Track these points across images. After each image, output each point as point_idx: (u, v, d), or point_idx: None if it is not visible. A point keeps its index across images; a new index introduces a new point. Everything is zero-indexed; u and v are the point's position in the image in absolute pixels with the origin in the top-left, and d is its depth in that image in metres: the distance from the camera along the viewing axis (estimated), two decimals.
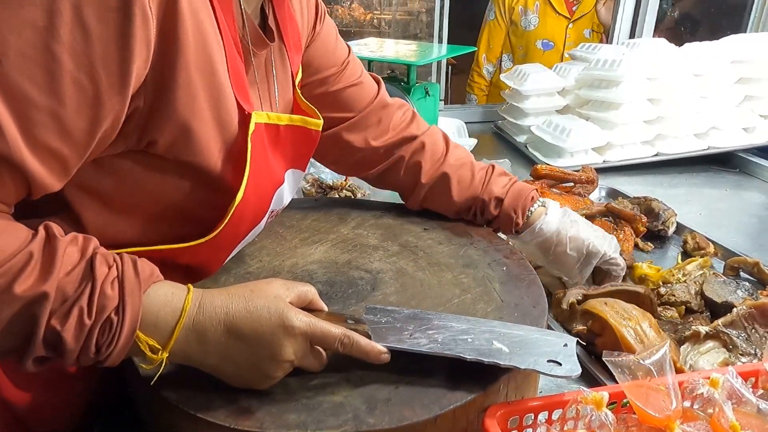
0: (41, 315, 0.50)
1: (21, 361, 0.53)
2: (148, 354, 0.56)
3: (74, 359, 0.53)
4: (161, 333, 0.56)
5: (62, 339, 0.51)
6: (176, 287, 0.59)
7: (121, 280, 0.54)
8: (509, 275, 0.84)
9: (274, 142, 0.74)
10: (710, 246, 1.26)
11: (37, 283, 0.50)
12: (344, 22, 3.08)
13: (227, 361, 0.59)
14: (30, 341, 0.51)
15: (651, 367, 0.63)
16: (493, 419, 0.60)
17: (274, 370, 0.60)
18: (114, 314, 0.53)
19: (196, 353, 0.58)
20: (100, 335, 0.53)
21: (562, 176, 1.51)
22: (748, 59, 1.87)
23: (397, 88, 1.50)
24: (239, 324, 0.58)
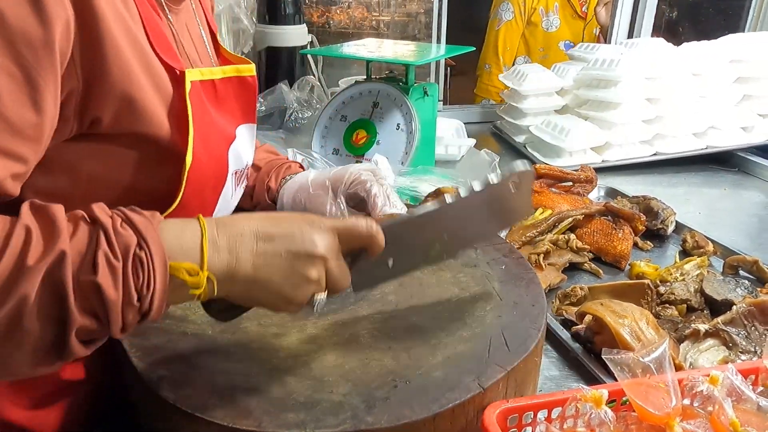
0: (66, 275, 0.47)
1: (66, 346, 0.49)
2: (189, 279, 0.52)
3: (119, 317, 0.49)
4: (191, 256, 0.53)
5: (100, 289, 0.48)
6: (184, 219, 0.56)
7: (130, 221, 0.51)
8: (508, 274, 0.84)
9: (213, 98, 0.73)
10: (709, 245, 1.26)
11: (48, 246, 0.47)
12: (342, 23, 3.08)
13: (263, 268, 0.56)
14: (66, 311, 0.47)
15: (650, 365, 0.63)
16: (492, 417, 0.59)
17: (309, 269, 0.57)
18: (139, 249, 0.50)
19: (232, 265, 0.55)
20: (135, 277, 0.49)
21: (560, 176, 1.51)
22: (747, 58, 1.87)
23: (395, 88, 1.50)
24: (266, 228, 0.56)
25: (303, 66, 2.05)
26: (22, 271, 0.46)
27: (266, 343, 0.69)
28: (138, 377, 0.63)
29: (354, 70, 2.37)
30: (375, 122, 1.51)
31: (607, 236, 1.25)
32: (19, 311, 0.46)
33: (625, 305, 0.90)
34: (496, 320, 0.73)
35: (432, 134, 1.63)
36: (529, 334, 0.71)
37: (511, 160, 1.91)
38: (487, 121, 2.31)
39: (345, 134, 1.54)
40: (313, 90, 1.89)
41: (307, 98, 1.87)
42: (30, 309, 0.46)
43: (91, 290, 0.48)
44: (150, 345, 0.68)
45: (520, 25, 2.87)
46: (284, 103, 1.85)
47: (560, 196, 1.42)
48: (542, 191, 1.43)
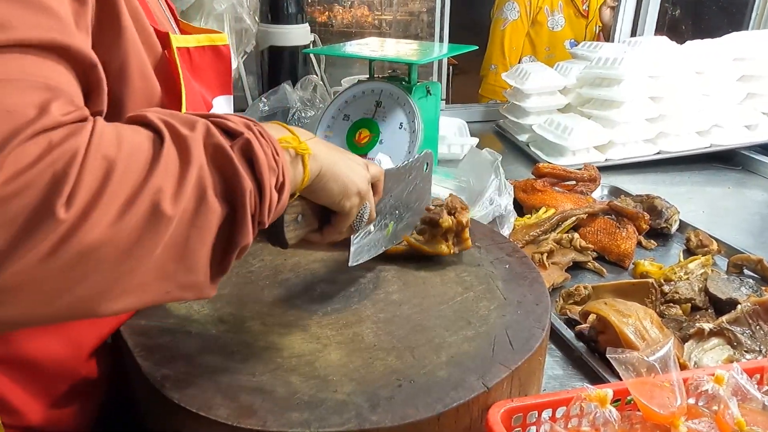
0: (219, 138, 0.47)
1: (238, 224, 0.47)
2: (297, 146, 0.56)
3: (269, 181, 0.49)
4: (285, 133, 0.57)
5: (251, 145, 0.48)
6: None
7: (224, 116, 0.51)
8: (512, 273, 0.84)
9: (189, 66, 0.73)
10: (713, 243, 1.25)
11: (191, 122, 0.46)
12: (345, 22, 3.08)
13: (333, 152, 0.63)
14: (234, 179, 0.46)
15: (655, 364, 0.63)
16: (497, 417, 0.59)
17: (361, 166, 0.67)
18: (252, 123, 0.51)
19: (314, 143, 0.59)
20: (264, 144, 0.49)
21: (564, 175, 1.51)
22: (750, 57, 1.86)
23: (398, 87, 1.50)
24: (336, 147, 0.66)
25: (306, 65, 2.04)
26: (185, 143, 0.44)
27: (270, 343, 0.69)
28: (142, 376, 0.63)
29: (356, 69, 2.37)
30: (378, 121, 1.51)
31: (610, 235, 1.25)
32: (203, 185, 0.44)
33: (629, 304, 0.90)
34: (500, 319, 0.73)
35: (435, 133, 1.63)
36: (533, 334, 0.71)
37: (514, 159, 1.91)
38: (489, 120, 2.31)
39: (348, 133, 1.53)
40: (316, 89, 1.89)
41: (310, 97, 1.87)
42: (208, 181, 0.45)
43: (242, 152, 0.47)
44: (154, 344, 0.68)
45: (525, 24, 2.87)
46: (287, 104, 1.84)
47: (563, 195, 1.42)
48: (545, 190, 1.42)
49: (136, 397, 0.70)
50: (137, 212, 0.41)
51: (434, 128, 1.62)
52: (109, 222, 0.39)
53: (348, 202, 0.65)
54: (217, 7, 1.63)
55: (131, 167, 0.41)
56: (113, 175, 0.40)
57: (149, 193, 0.41)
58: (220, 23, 1.67)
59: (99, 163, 0.39)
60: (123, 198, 0.40)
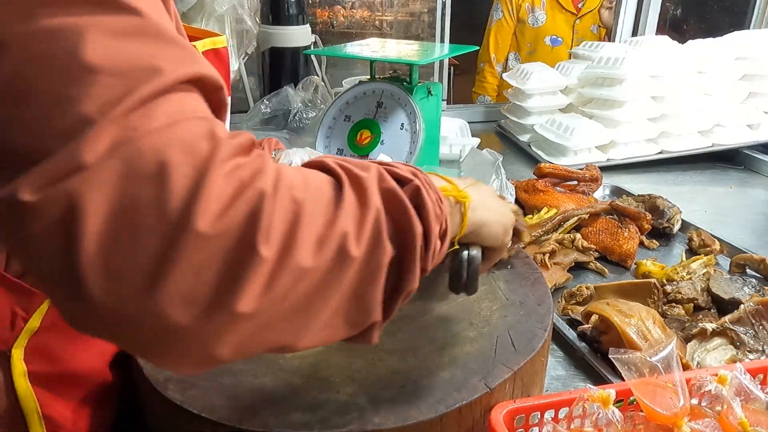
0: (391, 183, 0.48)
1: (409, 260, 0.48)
2: (457, 194, 0.57)
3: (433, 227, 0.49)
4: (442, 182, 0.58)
5: (419, 191, 0.49)
6: None
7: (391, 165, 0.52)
8: (514, 273, 0.84)
9: None
10: (716, 243, 1.25)
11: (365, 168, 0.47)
12: (346, 23, 3.08)
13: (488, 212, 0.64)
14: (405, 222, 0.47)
15: (658, 365, 0.63)
16: (499, 418, 0.59)
17: (508, 211, 0.70)
18: (414, 177, 0.51)
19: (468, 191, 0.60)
20: (431, 192, 0.50)
21: (565, 175, 1.51)
22: (752, 56, 1.86)
23: (399, 88, 1.50)
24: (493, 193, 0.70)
25: (307, 66, 2.05)
26: (363, 186, 0.45)
27: None
28: (144, 378, 0.63)
29: (358, 70, 2.37)
30: (379, 122, 1.51)
31: (612, 235, 1.24)
32: (379, 227, 0.45)
33: (631, 305, 0.90)
34: (502, 320, 0.73)
35: (436, 134, 1.63)
36: (536, 334, 0.70)
37: (516, 159, 1.91)
38: (491, 120, 2.31)
39: (349, 134, 1.54)
40: (317, 90, 1.89)
41: (311, 98, 1.87)
42: (383, 224, 0.45)
43: (413, 195, 0.48)
44: None
45: (510, 23, 2.90)
46: (289, 106, 1.85)
47: (565, 195, 1.41)
48: (547, 190, 1.42)
49: (139, 398, 0.70)
50: (327, 252, 0.41)
51: (435, 129, 1.61)
52: (308, 259, 0.40)
53: (504, 237, 0.68)
54: (218, 8, 1.63)
55: (318, 209, 0.42)
56: (303, 216, 0.40)
57: (336, 235, 0.42)
58: (221, 24, 1.67)
59: (288, 204, 0.40)
60: (314, 238, 0.41)
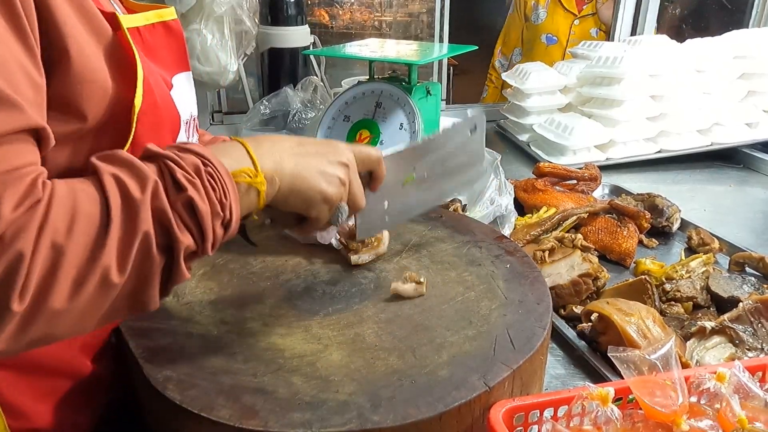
0: (164, 201, 0.51)
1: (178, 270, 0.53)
2: (252, 180, 0.59)
3: (210, 228, 0.54)
4: (244, 163, 0.59)
5: (193, 204, 0.52)
6: (221, 142, 0.64)
7: (186, 149, 0.56)
8: (513, 272, 0.84)
9: (142, 46, 0.70)
10: (715, 242, 1.25)
11: (141, 181, 0.51)
12: (345, 23, 3.08)
13: (302, 165, 0.64)
14: (172, 236, 0.52)
15: (656, 362, 0.63)
16: (499, 416, 0.59)
17: (339, 169, 0.66)
18: (204, 166, 0.55)
19: (278, 164, 0.62)
20: (212, 188, 0.54)
21: (565, 174, 1.51)
22: (751, 55, 1.86)
23: (398, 88, 1.50)
24: (297, 139, 0.67)
25: (306, 67, 2.05)
26: (134, 209, 0.49)
27: (272, 343, 0.69)
28: (144, 378, 0.63)
29: (357, 70, 2.37)
30: (378, 122, 1.51)
31: (612, 234, 1.25)
32: (147, 246, 0.50)
33: (631, 304, 0.90)
34: (501, 319, 0.73)
35: None
36: (535, 333, 0.70)
37: (515, 158, 1.91)
38: (490, 120, 2.31)
39: (348, 134, 1.53)
40: (317, 90, 1.89)
41: (311, 99, 1.87)
42: (152, 241, 0.50)
43: (185, 207, 0.53)
44: (156, 346, 0.68)
45: (520, 18, 2.92)
46: (288, 106, 1.85)
47: (564, 195, 1.42)
48: (546, 189, 1.42)
49: (138, 398, 0.70)
50: (88, 289, 0.48)
51: (435, 129, 1.62)
52: (62, 303, 0.46)
53: (313, 211, 0.66)
54: (217, 9, 1.63)
55: (79, 251, 0.47)
56: (62, 263, 0.46)
57: (99, 270, 0.48)
58: (220, 25, 1.67)
59: (47, 255, 0.45)
60: (71, 282, 0.47)
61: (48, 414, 0.66)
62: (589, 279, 1.04)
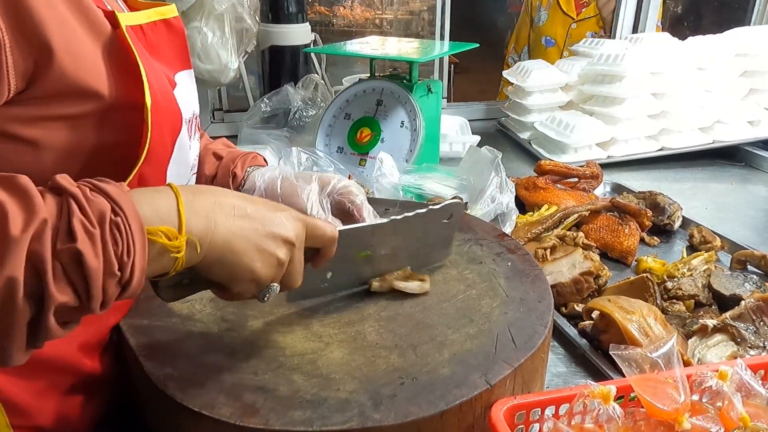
0: (45, 246, 0.44)
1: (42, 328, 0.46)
2: (168, 243, 0.51)
3: (100, 288, 0.47)
4: (168, 220, 0.52)
5: (81, 257, 0.45)
6: (153, 187, 0.55)
7: (99, 189, 0.49)
8: (514, 270, 0.84)
9: (145, 44, 0.70)
10: (716, 240, 1.25)
11: (28, 216, 0.44)
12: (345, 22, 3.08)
13: (240, 238, 0.57)
14: (44, 287, 0.44)
15: (658, 360, 0.62)
16: (500, 414, 0.59)
17: (280, 249, 0.59)
18: (114, 215, 0.48)
19: (211, 229, 0.55)
20: (114, 243, 0.47)
21: (566, 172, 1.50)
22: (753, 52, 1.85)
23: (399, 86, 1.50)
24: (241, 203, 0.58)
25: (306, 65, 2.04)
26: (7, 247, 0.42)
27: (272, 341, 0.69)
28: (145, 376, 0.63)
29: (358, 68, 2.37)
30: (379, 120, 1.51)
31: (613, 232, 1.24)
32: (10, 294, 0.43)
33: (632, 302, 0.90)
34: (503, 317, 0.73)
35: (436, 132, 1.63)
36: (536, 331, 0.70)
37: (516, 156, 1.91)
38: (491, 118, 2.31)
39: (349, 132, 1.54)
40: (317, 88, 1.89)
41: (311, 97, 1.87)
42: (18, 288, 0.43)
43: (71, 260, 0.45)
44: (156, 344, 0.68)
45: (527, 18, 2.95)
46: (289, 104, 1.85)
47: (566, 193, 1.41)
48: (547, 187, 1.42)
49: (139, 396, 0.70)
50: None
51: (436, 126, 1.61)
52: None
53: (237, 287, 0.59)
54: (218, 7, 1.63)
55: None
56: None
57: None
58: (220, 23, 1.67)
59: None
60: None
61: (49, 412, 0.66)
62: (591, 277, 1.04)
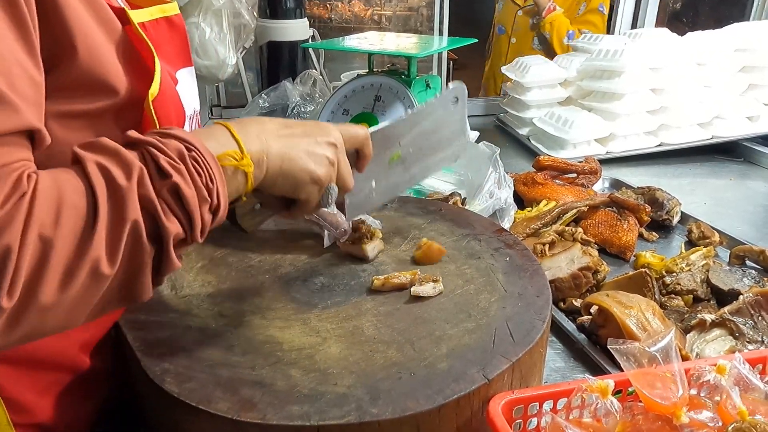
0: (149, 189, 0.50)
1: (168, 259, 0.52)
2: (238, 163, 0.57)
3: (198, 214, 0.53)
4: (229, 146, 0.58)
5: (178, 190, 0.51)
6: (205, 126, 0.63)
7: (167, 134, 0.54)
8: (512, 265, 0.84)
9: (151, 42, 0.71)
10: (715, 235, 1.25)
11: (126, 169, 0.49)
12: (344, 17, 3.07)
13: (290, 146, 0.63)
14: (160, 223, 0.50)
15: (656, 355, 0.62)
16: (498, 408, 0.59)
17: (327, 149, 0.65)
18: (189, 151, 0.53)
19: (265, 146, 0.61)
20: (197, 173, 0.53)
21: (564, 167, 1.50)
22: (752, 47, 1.85)
23: (397, 81, 1.49)
24: (283, 121, 0.65)
25: (305, 60, 2.04)
26: (121, 199, 0.48)
27: (270, 336, 0.69)
28: (142, 371, 0.63)
29: (356, 63, 2.37)
30: (377, 115, 1.50)
31: (612, 227, 1.24)
32: (137, 236, 0.49)
33: (631, 296, 0.90)
34: (501, 312, 0.73)
35: None
36: (534, 325, 0.70)
37: (515, 152, 1.91)
38: (490, 114, 2.30)
39: None
40: (316, 84, 1.88)
41: (310, 92, 1.87)
42: (142, 230, 0.49)
43: (171, 194, 0.51)
44: (154, 339, 0.68)
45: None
46: (287, 100, 1.84)
47: (564, 188, 1.41)
48: (546, 183, 1.42)
49: (136, 391, 0.70)
50: (78, 281, 0.46)
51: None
52: (52, 296, 0.45)
53: (303, 193, 0.65)
54: (216, 2, 1.63)
55: (67, 242, 0.46)
56: (51, 255, 0.45)
57: (88, 262, 0.46)
58: (218, 18, 1.66)
59: (36, 245, 0.44)
60: (61, 272, 0.46)
61: (49, 408, 0.66)
62: (589, 272, 1.03)
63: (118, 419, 0.75)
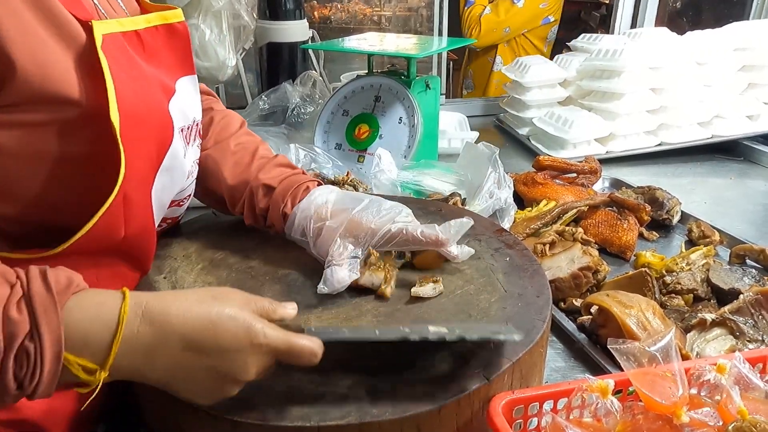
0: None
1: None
2: (83, 377, 0.49)
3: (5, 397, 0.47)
4: (95, 350, 0.49)
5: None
6: (106, 295, 0.52)
7: (28, 299, 0.47)
8: (512, 265, 0.84)
9: (141, 50, 0.68)
10: (715, 234, 1.25)
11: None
12: (344, 18, 3.07)
13: (179, 376, 0.53)
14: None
15: (657, 354, 0.62)
16: (498, 408, 0.59)
17: (231, 389, 0.55)
18: (28, 341, 0.46)
19: (143, 371, 0.52)
20: (17, 369, 0.46)
21: (564, 167, 1.50)
22: (752, 46, 1.85)
23: (397, 82, 1.49)
24: (200, 337, 0.52)
25: (305, 61, 2.04)
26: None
27: None
28: None
29: (356, 64, 2.37)
30: (377, 116, 1.50)
31: (612, 227, 1.24)
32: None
33: (631, 296, 0.90)
34: (501, 312, 0.73)
35: (435, 128, 1.62)
36: (534, 325, 0.70)
37: (515, 152, 1.91)
38: (490, 114, 2.30)
39: (347, 129, 1.53)
40: (315, 85, 1.89)
41: (310, 93, 1.87)
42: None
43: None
44: None
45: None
46: (287, 102, 1.85)
47: (564, 188, 1.41)
48: (546, 183, 1.42)
49: (135, 393, 0.70)
50: None
51: (434, 123, 1.61)
52: None
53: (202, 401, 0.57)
54: (215, 4, 1.63)
55: None
56: None
57: None
58: (218, 20, 1.67)
59: None
60: None
61: (38, 405, 0.66)
62: (589, 272, 1.03)
63: (118, 419, 0.75)
